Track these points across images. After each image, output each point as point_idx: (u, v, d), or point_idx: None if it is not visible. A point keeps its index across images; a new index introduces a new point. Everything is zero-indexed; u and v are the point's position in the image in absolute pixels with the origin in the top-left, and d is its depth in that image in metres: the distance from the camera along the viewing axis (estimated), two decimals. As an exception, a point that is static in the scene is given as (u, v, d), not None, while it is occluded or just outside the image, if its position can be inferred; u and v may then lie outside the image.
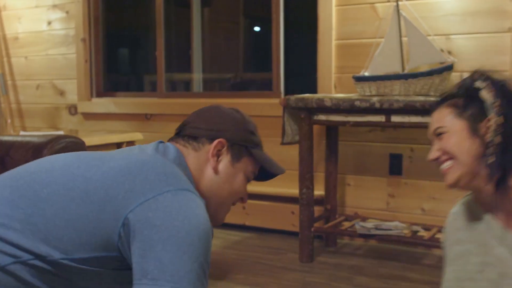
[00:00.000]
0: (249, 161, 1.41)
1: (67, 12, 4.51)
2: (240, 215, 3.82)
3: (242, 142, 1.40)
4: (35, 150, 2.60)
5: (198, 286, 1.10)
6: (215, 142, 1.37)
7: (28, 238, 1.14)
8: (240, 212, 3.82)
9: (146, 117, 4.18)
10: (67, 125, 4.58)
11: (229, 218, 3.92)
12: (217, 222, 1.42)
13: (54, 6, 4.57)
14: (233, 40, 5.12)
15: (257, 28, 5.28)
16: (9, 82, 4.87)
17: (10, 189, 1.21)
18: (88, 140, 2.94)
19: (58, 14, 4.56)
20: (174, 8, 4.74)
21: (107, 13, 4.62)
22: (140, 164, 1.22)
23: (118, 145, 3.52)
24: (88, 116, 4.47)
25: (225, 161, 1.38)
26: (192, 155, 1.37)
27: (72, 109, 4.55)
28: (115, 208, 1.14)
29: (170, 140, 1.44)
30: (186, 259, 1.09)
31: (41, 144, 2.62)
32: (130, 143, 3.53)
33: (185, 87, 4.99)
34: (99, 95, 4.52)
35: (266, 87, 3.96)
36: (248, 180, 1.43)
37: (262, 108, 3.71)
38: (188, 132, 1.42)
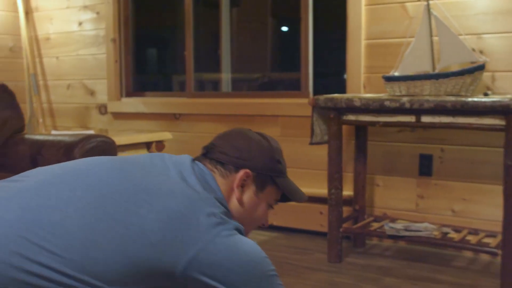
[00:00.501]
0: (273, 190, 1.44)
1: (97, 13, 4.56)
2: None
3: (268, 172, 1.42)
4: (67, 149, 2.64)
5: None
6: (241, 172, 1.39)
7: (87, 272, 1.16)
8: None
9: (175, 117, 4.21)
10: (96, 125, 4.64)
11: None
12: None
13: (85, 7, 4.63)
14: (260, 40, 5.12)
15: (284, 28, 5.28)
16: (41, 82, 4.94)
17: (69, 218, 1.20)
18: (118, 140, 2.97)
19: (88, 15, 4.62)
20: (202, 8, 4.76)
21: (136, 13, 4.66)
22: (190, 204, 1.25)
23: (147, 145, 3.55)
24: (117, 115, 4.52)
25: (249, 192, 1.42)
26: (220, 182, 1.40)
27: (102, 109, 4.61)
28: (174, 252, 1.19)
29: (198, 159, 1.46)
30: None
31: (73, 143, 2.66)
32: (159, 142, 3.55)
33: (213, 87, 5.01)
34: (129, 95, 4.56)
35: (293, 87, 3.96)
36: (270, 207, 1.46)
37: (290, 108, 3.71)
38: (215, 156, 1.43)
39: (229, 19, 4.56)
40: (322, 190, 3.47)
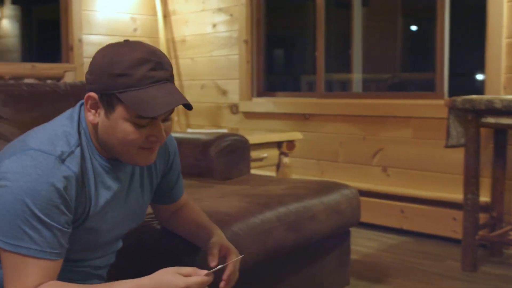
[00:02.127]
0: (124, 107, 1.26)
1: (231, 15, 4.69)
2: (397, 218, 3.75)
3: (109, 90, 1.25)
4: (203, 147, 2.74)
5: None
6: (85, 97, 1.30)
7: None
8: (397, 216, 3.74)
9: (305, 117, 4.23)
10: (228, 124, 4.78)
11: (386, 221, 3.87)
12: (139, 163, 1.35)
13: (219, 10, 4.78)
14: (390, 40, 5.03)
15: (414, 27, 5.15)
16: (177, 83, 5.17)
17: None
18: (251, 139, 3.04)
19: (222, 17, 4.77)
20: (334, 8, 4.75)
21: (267, 15, 4.74)
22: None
23: (279, 144, 3.59)
24: (248, 115, 4.63)
25: (102, 115, 1.29)
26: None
27: (234, 108, 4.73)
28: None
29: None
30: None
31: (209, 142, 2.75)
32: (290, 142, 3.59)
33: (341, 87, 4.98)
34: (260, 95, 4.65)
35: (426, 87, 3.84)
36: (138, 126, 1.27)
37: (423, 109, 3.61)
38: None
39: (361, 19, 4.51)
40: (455, 195, 3.34)
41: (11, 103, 2.58)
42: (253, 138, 3.25)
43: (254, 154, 3.31)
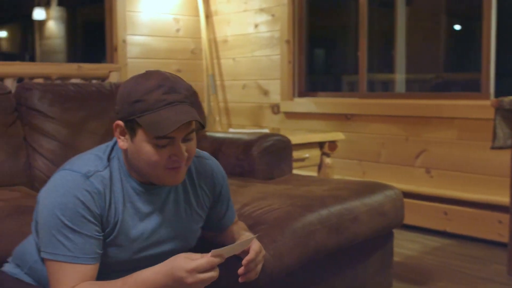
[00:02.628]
0: (142, 130, 1.38)
1: (273, 15, 4.70)
2: (440, 221, 3.69)
3: (130, 116, 1.38)
4: (245, 147, 2.75)
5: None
6: (114, 125, 1.43)
7: None
8: (441, 218, 3.69)
9: (346, 117, 4.21)
10: (269, 124, 4.78)
11: (429, 223, 3.81)
12: (167, 183, 1.45)
13: (261, 10, 4.79)
14: (433, 39, 4.95)
15: (457, 27, 5.06)
16: (218, 82, 5.20)
17: None
18: (293, 139, 3.04)
19: (264, 17, 4.78)
20: (376, 8, 4.71)
21: (309, 15, 4.72)
22: None
23: (320, 144, 3.58)
24: (289, 115, 4.62)
25: (128, 139, 1.41)
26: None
27: (275, 108, 4.74)
28: None
29: None
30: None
31: (251, 141, 2.76)
32: (332, 142, 3.58)
33: (383, 87, 4.93)
34: (301, 95, 4.64)
35: (471, 87, 3.77)
36: (159, 146, 1.37)
37: (468, 110, 3.54)
38: None
39: (404, 18, 4.46)
40: (501, 198, 3.28)
41: (58, 103, 2.64)
42: (295, 138, 3.25)
43: (296, 154, 3.31)
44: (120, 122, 1.41)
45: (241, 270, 1.48)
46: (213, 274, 1.32)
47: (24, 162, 2.51)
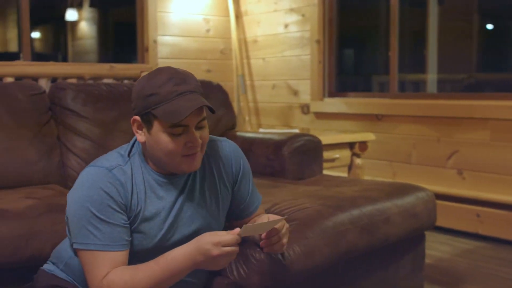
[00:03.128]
0: (158, 121, 1.46)
1: (303, 15, 4.69)
2: (473, 223, 3.64)
3: (145, 109, 1.47)
4: (276, 147, 2.75)
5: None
6: (131, 120, 1.53)
7: None
8: (473, 220, 3.63)
9: (377, 118, 4.17)
10: (299, 124, 4.77)
11: (460, 225, 3.77)
12: (185, 170, 1.52)
13: (291, 10, 4.78)
14: (465, 39, 4.89)
15: (490, 26, 4.98)
16: (248, 82, 5.21)
17: None
18: (323, 139, 3.02)
19: (294, 17, 4.77)
20: (407, 7, 4.67)
21: (339, 14, 4.70)
22: None
23: (351, 145, 3.56)
24: (319, 115, 4.61)
25: (146, 132, 1.50)
26: None
27: (305, 108, 4.72)
28: None
29: None
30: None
31: (281, 141, 2.76)
32: (363, 143, 3.55)
33: (414, 88, 4.88)
34: (331, 95, 4.62)
35: (503, 88, 3.71)
36: (174, 135, 1.46)
37: (502, 111, 3.49)
38: None
39: (436, 18, 4.40)
40: (536, 200, 3.23)
41: (91, 102, 2.68)
42: (325, 139, 3.23)
43: (326, 154, 3.29)
44: (137, 117, 1.51)
45: (262, 243, 1.56)
46: (237, 249, 1.41)
47: (57, 161, 2.55)
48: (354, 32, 5.48)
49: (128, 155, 1.56)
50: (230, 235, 1.40)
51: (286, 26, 4.84)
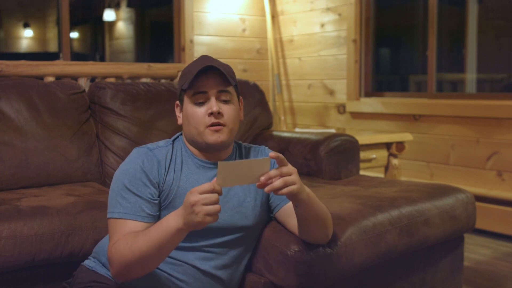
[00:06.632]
0: (186, 94, 1.62)
1: (339, 15, 4.66)
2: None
3: (179, 90, 1.65)
4: (313, 146, 2.73)
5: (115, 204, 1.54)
6: (175, 107, 1.71)
7: None
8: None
9: (414, 118, 4.12)
10: (335, 124, 4.74)
11: (500, 228, 3.70)
12: (209, 141, 1.59)
13: (328, 9, 4.76)
14: (505, 38, 4.79)
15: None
16: (283, 82, 5.20)
17: None
18: (360, 139, 3.00)
19: (330, 17, 4.74)
20: (446, 6, 4.60)
21: (376, 14, 4.66)
22: None
23: (388, 145, 3.52)
24: (355, 115, 4.57)
25: (182, 112, 1.66)
26: None
27: (341, 108, 4.70)
28: None
29: None
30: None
31: (318, 141, 2.74)
32: (400, 143, 3.51)
33: (452, 88, 4.81)
34: (367, 95, 4.59)
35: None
36: (197, 104, 1.59)
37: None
38: None
39: (476, 17, 4.33)
40: None
41: (129, 101, 2.70)
42: (362, 139, 3.20)
43: (362, 154, 3.27)
44: (177, 102, 1.68)
45: (258, 184, 1.37)
46: (215, 196, 1.32)
47: (96, 159, 2.58)
48: (391, 31, 5.42)
49: (172, 142, 1.68)
50: (209, 183, 1.34)
51: (322, 25, 4.82)
